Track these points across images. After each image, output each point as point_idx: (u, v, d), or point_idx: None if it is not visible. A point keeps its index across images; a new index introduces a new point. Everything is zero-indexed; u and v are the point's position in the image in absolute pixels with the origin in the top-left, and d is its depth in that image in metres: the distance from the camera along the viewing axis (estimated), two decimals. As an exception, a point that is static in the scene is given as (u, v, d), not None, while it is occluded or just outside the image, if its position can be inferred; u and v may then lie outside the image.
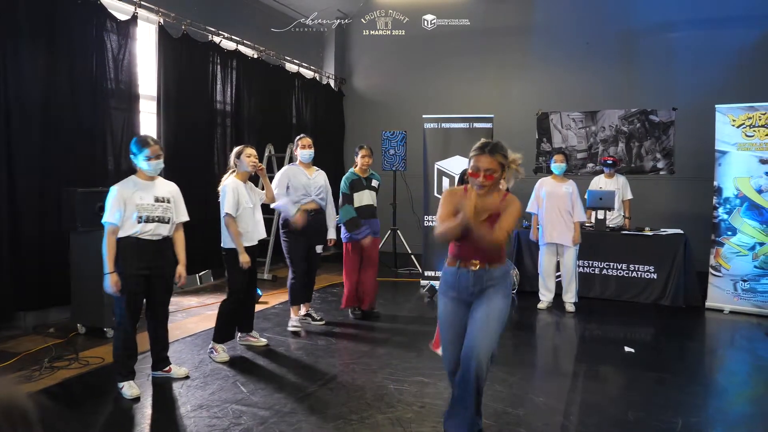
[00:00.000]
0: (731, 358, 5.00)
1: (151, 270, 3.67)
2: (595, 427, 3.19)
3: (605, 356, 4.70)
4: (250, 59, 7.69)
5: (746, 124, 6.04)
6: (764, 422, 3.56)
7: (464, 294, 2.94)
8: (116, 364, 3.71)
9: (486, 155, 2.84)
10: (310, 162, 5.23)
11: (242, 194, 4.36)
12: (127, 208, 3.59)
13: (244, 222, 4.35)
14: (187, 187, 6.44)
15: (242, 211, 4.34)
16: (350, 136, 10.21)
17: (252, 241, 4.42)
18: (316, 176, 5.23)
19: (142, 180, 3.72)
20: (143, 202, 3.64)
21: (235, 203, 4.30)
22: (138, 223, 3.61)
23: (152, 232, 3.67)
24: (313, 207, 5.14)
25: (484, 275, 2.90)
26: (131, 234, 3.59)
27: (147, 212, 3.65)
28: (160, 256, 3.74)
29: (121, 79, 5.64)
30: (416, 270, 8.13)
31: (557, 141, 9.08)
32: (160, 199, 3.73)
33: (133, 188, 3.65)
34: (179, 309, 5.88)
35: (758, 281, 5.98)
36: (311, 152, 5.20)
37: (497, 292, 2.90)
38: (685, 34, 8.31)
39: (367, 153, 5.60)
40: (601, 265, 6.61)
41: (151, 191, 3.71)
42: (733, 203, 6.13)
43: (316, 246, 5.22)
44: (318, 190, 5.18)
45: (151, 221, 3.66)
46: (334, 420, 3.34)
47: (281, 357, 4.50)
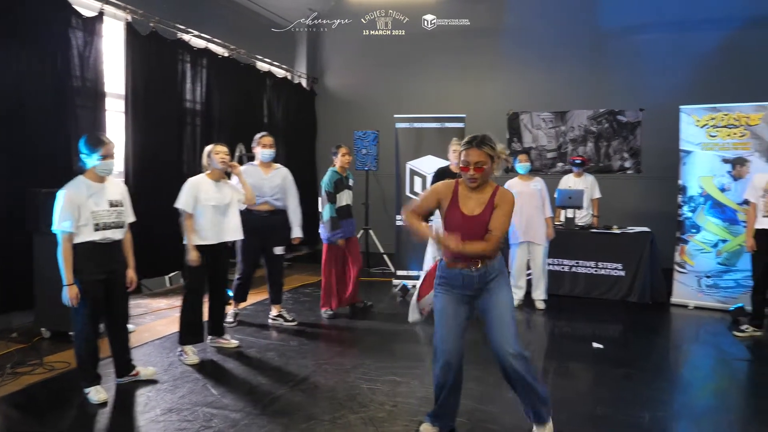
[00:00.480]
0: (696, 352, 5.13)
1: (109, 274, 3.58)
2: (565, 422, 3.24)
3: (574, 353, 4.78)
4: (221, 57, 7.60)
5: (709, 124, 6.20)
6: (728, 415, 3.66)
7: (468, 290, 3.01)
8: (80, 371, 3.61)
9: (474, 148, 2.91)
10: (270, 161, 5.18)
11: (203, 191, 4.30)
12: (82, 214, 3.43)
13: (202, 220, 4.28)
14: (156, 187, 6.41)
15: (202, 209, 4.27)
16: (322, 136, 10.16)
17: (207, 239, 4.31)
18: (273, 176, 5.15)
19: (93, 182, 3.53)
20: (99, 208, 3.50)
21: (188, 199, 4.25)
22: (95, 231, 3.48)
23: (109, 238, 3.57)
24: (266, 208, 5.08)
25: (486, 271, 2.98)
26: (87, 240, 3.46)
27: (104, 219, 3.52)
28: (116, 260, 3.65)
29: (87, 76, 5.51)
30: (389, 270, 8.14)
31: (528, 141, 9.19)
32: (114, 203, 3.60)
33: (86, 193, 3.47)
34: (148, 311, 5.79)
35: (721, 277, 6.15)
36: (272, 152, 5.16)
37: (500, 286, 3.01)
38: (651, 36, 8.49)
39: (347, 151, 5.66)
40: (571, 263, 6.71)
41: (104, 195, 3.55)
42: (698, 201, 6.28)
43: (274, 247, 5.16)
44: (273, 191, 5.11)
45: (108, 228, 3.54)
46: (306, 421, 3.32)
47: (253, 358, 4.45)
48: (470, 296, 3.03)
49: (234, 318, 5.34)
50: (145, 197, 6.09)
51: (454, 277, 3.01)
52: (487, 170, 2.95)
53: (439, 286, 3.09)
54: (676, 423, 3.52)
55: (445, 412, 3.12)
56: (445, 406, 3.10)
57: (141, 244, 5.61)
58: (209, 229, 4.32)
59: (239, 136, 7.84)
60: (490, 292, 2.99)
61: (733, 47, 8.05)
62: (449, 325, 3.02)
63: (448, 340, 3.01)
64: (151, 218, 6.14)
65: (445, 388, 3.04)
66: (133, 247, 3.82)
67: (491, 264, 2.99)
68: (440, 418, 3.12)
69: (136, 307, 5.87)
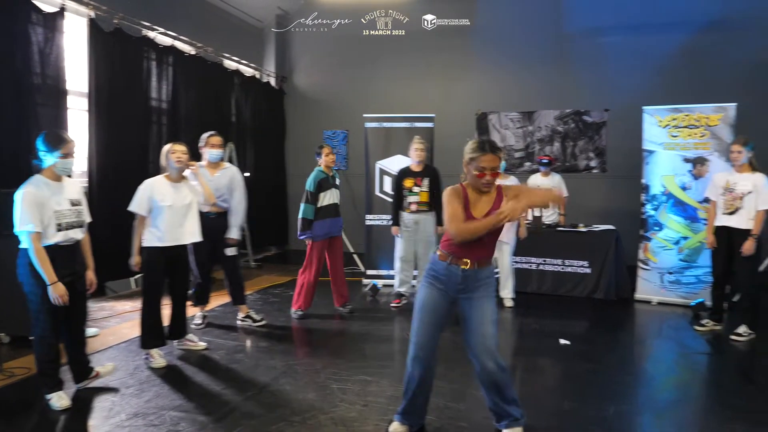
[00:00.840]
0: (659, 347, 5.26)
1: (71, 276, 3.50)
2: (533, 417, 3.28)
3: (542, 349, 4.85)
4: (187, 55, 7.48)
5: (671, 125, 6.36)
6: (689, 406, 3.77)
7: (451, 289, 3.04)
8: (42, 377, 3.50)
9: (490, 154, 2.93)
10: (218, 161, 5.12)
11: (158, 192, 4.21)
12: (45, 214, 3.34)
13: (159, 222, 4.20)
14: (121, 187, 6.25)
15: (158, 210, 4.19)
16: (291, 135, 10.10)
17: (164, 241, 4.22)
18: (220, 176, 5.06)
19: (51, 181, 3.43)
20: (61, 208, 3.42)
21: (141, 201, 4.17)
22: (58, 232, 3.40)
23: (70, 239, 3.49)
24: (214, 210, 5.00)
25: (472, 275, 3.01)
26: (50, 243, 3.37)
27: (66, 219, 3.44)
28: (77, 261, 3.57)
29: (48, 74, 5.36)
30: (359, 269, 8.13)
31: (496, 140, 9.26)
32: (74, 202, 3.53)
33: (48, 192, 3.38)
34: (113, 314, 5.66)
35: (683, 273, 6.31)
36: (220, 152, 5.09)
37: (487, 296, 3.05)
38: (615, 39, 8.67)
39: (331, 150, 5.72)
40: (538, 260, 6.81)
41: (64, 194, 3.47)
42: (660, 200, 6.44)
43: (225, 249, 5.10)
44: (220, 192, 5.02)
45: (70, 228, 3.46)
46: (275, 422, 3.30)
47: (221, 360, 4.40)
48: (453, 296, 3.05)
49: (202, 320, 5.27)
50: (110, 197, 5.97)
51: (441, 271, 3.04)
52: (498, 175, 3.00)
53: (426, 279, 3.12)
54: (639, 416, 3.60)
55: (414, 409, 3.13)
56: (414, 404, 3.12)
57: (106, 246, 5.54)
58: (166, 231, 4.21)
59: (207, 135, 7.74)
60: (476, 300, 3.02)
61: (693, 50, 8.29)
62: (427, 318, 3.05)
63: (422, 332, 3.04)
64: (116, 219, 5.99)
65: (413, 381, 3.06)
66: (99, 248, 3.74)
67: (480, 269, 3.01)
68: (409, 416, 3.14)
69: (100, 310, 5.75)
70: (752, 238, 4.96)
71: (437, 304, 3.05)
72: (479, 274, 3.02)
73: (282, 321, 5.56)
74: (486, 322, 3.00)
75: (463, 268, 2.99)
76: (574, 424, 3.35)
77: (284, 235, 10.08)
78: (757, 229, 4.97)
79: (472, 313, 3.02)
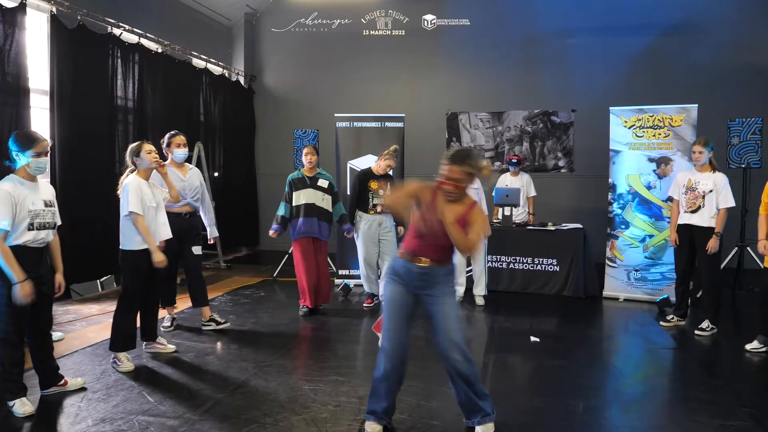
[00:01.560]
0: (626, 342, 5.37)
1: (38, 278, 3.40)
2: (504, 414, 3.32)
3: (513, 346, 4.90)
4: (154, 53, 7.34)
5: (636, 125, 6.50)
6: (654, 400, 3.85)
7: (411, 286, 3.10)
8: (5, 382, 3.38)
9: (455, 165, 2.97)
10: (183, 162, 5.07)
11: (146, 193, 4.16)
12: (19, 213, 3.27)
13: (146, 222, 4.14)
14: (86, 187, 6.13)
15: (145, 210, 4.13)
16: (261, 135, 10.01)
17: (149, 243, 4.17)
18: (191, 177, 5.05)
19: (27, 181, 3.39)
20: (36, 207, 3.36)
21: (140, 201, 4.09)
22: (29, 231, 3.33)
23: (41, 240, 3.41)
24: (187, 210, 4.99)
25: (431, 273, 3.07)
26: (18, 243, 3.29)
27: (40, 219, 3.38)
28: (44, 263, 3.49)
29: (7, 71, 5.20)
30: (330, 269, 8.08)
31: (466, 140, 9.36)
32: (48, 203, 3.47)
33: (23, 191, 3.33)
34: (78, 317, 5.53)
35: (648, 270, 6.46)
36: (185, 151, 5.05)
37: (447, 294, 3.10)
38: (582, 40, 8.83)
39: (310, 151, 5.78)
40: (509, 259, 6.89)
41: (39, 194, 3.42)
42: (626, 199, 6.57)
43: (193, 247, 5.05)
44: (193, 192, 5.02)
45: (42, 228, 3.39)
46: (247, 424, 3.26)
47: (191, 363, 4.33)
48: (414, 292, 3.11)
49: (171, 323, 5.18)
50: (74, 198, 5.82)
51: (401, 268, 3.12)
52: (465, 187, 3.03)
53: (388, 276, 3.18)
54: (608, 410, 3.67)
55: (387, 405, 3.14)
56: (387, 400, 3.13)
57: (71, 247, 5.40)
58: (152, 231, 4.19)
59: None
60: (438, 297, 3.07)
61: (656, 52, 8.50)
62: (395, 312, 3.10)
63: (390, 328, 3.09)
64: (81, 220, 5.87)
65: (383, 378, 3.08)
66: (64, 250, 3.65)
67: (438, 267, 3.07)
68: (382, 413, 3.14)
69: (65, 314, 5.60)
70: (716, 236, 5.10)
71: (402, 299, 3.11)
72: (437, 272, 3.08)
73: (252, 322, 5.50)
74: (449, 317, 3.06)
75: (422, 266, 3.05)
76: (544, 420, 3.40)
77: (255, 235, 9.98)
78: (720, 227, 5.11)
79: (435, 310, 3.08)
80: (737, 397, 3.75)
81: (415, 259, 3.07)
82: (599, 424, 3.46)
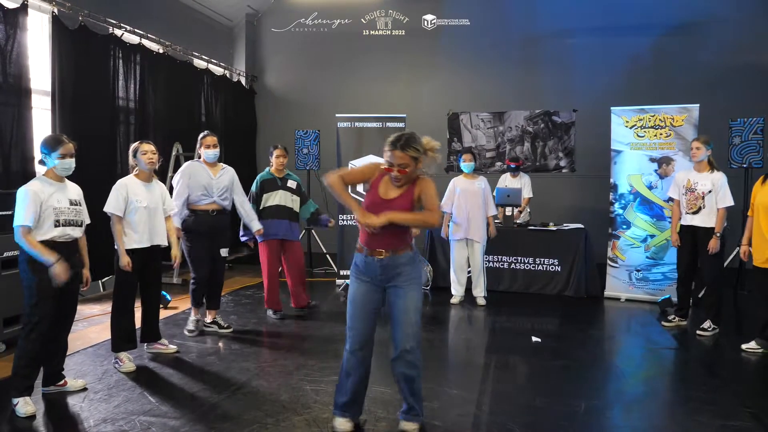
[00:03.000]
0: (627, 342, 5.37)
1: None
2: (506, 414, 3.32)
3: (514, 347, 4.90)
4: (155, 54, 7.35)
5: (638, 125, 6.50)
6: (656, 400, 3.85)
7: (375, 280, 3.08)
8: (16, 378, 3.40)
9: (398, 150, 2.94)
10: (215, 161, 5.07)
11: (133, 193, 4.15)
12: (44, 210, 3.42)
13: (135, 222, 4.14)
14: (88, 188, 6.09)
15: (133, 210, 4.14)
16: (263, 135, 10.02)
17: (142, 242, 4.17)
18: (221, 176, 5.04)
19: (54, 181, 3.54)
20: (61, 205, 3.50)
21: (117, 202, 4.11)
22: (55, 227, 3.45)
23: (68, 236, 3.52)
24: (214, 208, 4.98)
25: (391, 263, 3.03)
26: (47, 238, 3.41)
27: (64, 216, 3.50)
28: (73, 259, 3.57)
29: (9, 72, 5.21)
30: (331, 269, 8.10)
31: (467, 140, 9.36)
32: (74, 201, 3.60)
33: (50, 189, 3.47)
34: (80, 318, 5.52)
35: (650, 271, 6.45)
36: (216, 152, 5.04)
37: (410, 283, 3.05)
38: (583, 40, 8.83)
39: (282, 153, 5.61)
40: (510, 259, 6.89)
41: (65, 193, 3.56)
42: (627, 199, 6.57)
43: (220, 249, 5.06)
44: (221, 191, 5.01)
45: (67, 225, 3.52)
46: (249, 425, 3.26)
47: (193, 363, 4.33)
48: (378, 285, 3.09)
49: (195, 326, 5.07)
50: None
51: (361, 264, 3.10)
52: (411, 171, 2.99)
53: (351, 273, 3.18)
54: (609, 410, 3.66)
55: (354, 400, 3.14)
56: (354, 395, 3.13)
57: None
58: (143, 232, 4.17)
59: (176, 135, 7.63)
60: (401, 288, 3.04)
61: (658, 52, 8.50)
62: (358, 311, 3.10)
63: (355, 326, 3.09)
64: (82, 221, 5.88)
65: (351, 372, 3.09)
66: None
67: (396, 256, 3.03)
68: (350, 408, 3.15)
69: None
70: (716, 236, 5.10)
71: (365, 296, 3.09)
72: (396, 261, 3.03)
73: (254, 323, 5.50)
74: (408, 310, 3.02)
75: (379, 258, 3.03)
76: (546, 420, 3.39)
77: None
78: (719, 227, 5.11)
79: (396, 302, 3.05)
80: (738, 398, 3.75)
81: (373, 253, 3.03)
82: (601, 425, 3.45)
